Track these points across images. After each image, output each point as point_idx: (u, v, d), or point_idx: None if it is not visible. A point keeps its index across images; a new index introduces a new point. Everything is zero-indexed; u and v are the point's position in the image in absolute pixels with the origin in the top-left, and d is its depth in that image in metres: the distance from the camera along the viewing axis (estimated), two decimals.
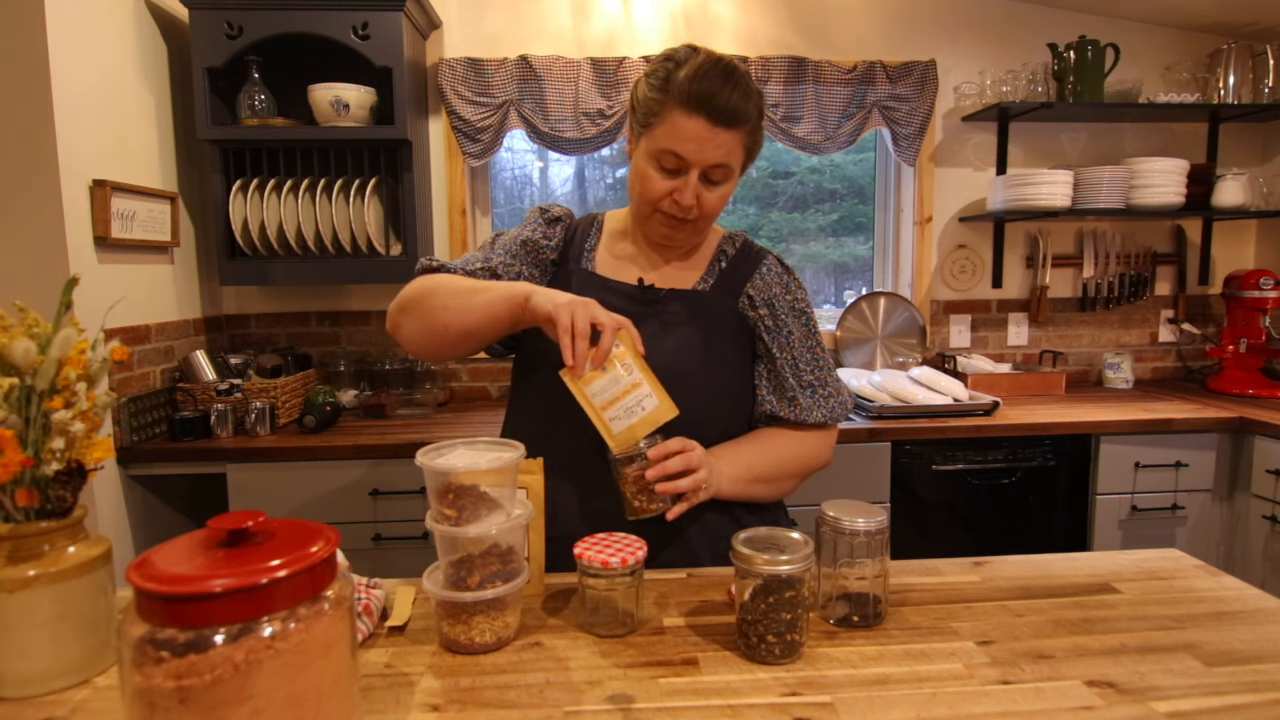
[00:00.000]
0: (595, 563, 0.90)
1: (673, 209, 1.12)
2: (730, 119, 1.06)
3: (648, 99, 1.09)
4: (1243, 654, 0.85)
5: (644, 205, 1.15)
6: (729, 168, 1.10)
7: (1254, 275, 2.57)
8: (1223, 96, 2.65)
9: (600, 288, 1.20)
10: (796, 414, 1.19)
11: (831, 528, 0.92)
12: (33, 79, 1.76)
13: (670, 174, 1.10)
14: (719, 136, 1.06)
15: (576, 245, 1.25)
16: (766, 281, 1.22)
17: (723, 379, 1.18)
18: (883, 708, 0.75)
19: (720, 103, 1.04)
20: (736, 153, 1.10)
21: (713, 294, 1.21)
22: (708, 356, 1.17)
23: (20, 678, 0.78)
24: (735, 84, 1.05)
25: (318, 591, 0.63)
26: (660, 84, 1.07)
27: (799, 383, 1.19)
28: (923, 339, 2.79)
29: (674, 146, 1.07)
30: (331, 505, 2.08)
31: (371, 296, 2.68)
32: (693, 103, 1.04)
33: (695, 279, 1.23)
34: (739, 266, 1.23)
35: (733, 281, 1.22)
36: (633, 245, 1.25)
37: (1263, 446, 2.20)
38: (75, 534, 0.82)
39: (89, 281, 1.88)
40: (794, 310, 1.22)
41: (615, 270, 1.23)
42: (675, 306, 1.19)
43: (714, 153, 1.07)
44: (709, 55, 1.08)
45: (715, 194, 1.12)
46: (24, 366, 0.78)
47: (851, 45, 2.71)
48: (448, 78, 2.53)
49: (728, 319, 1.20)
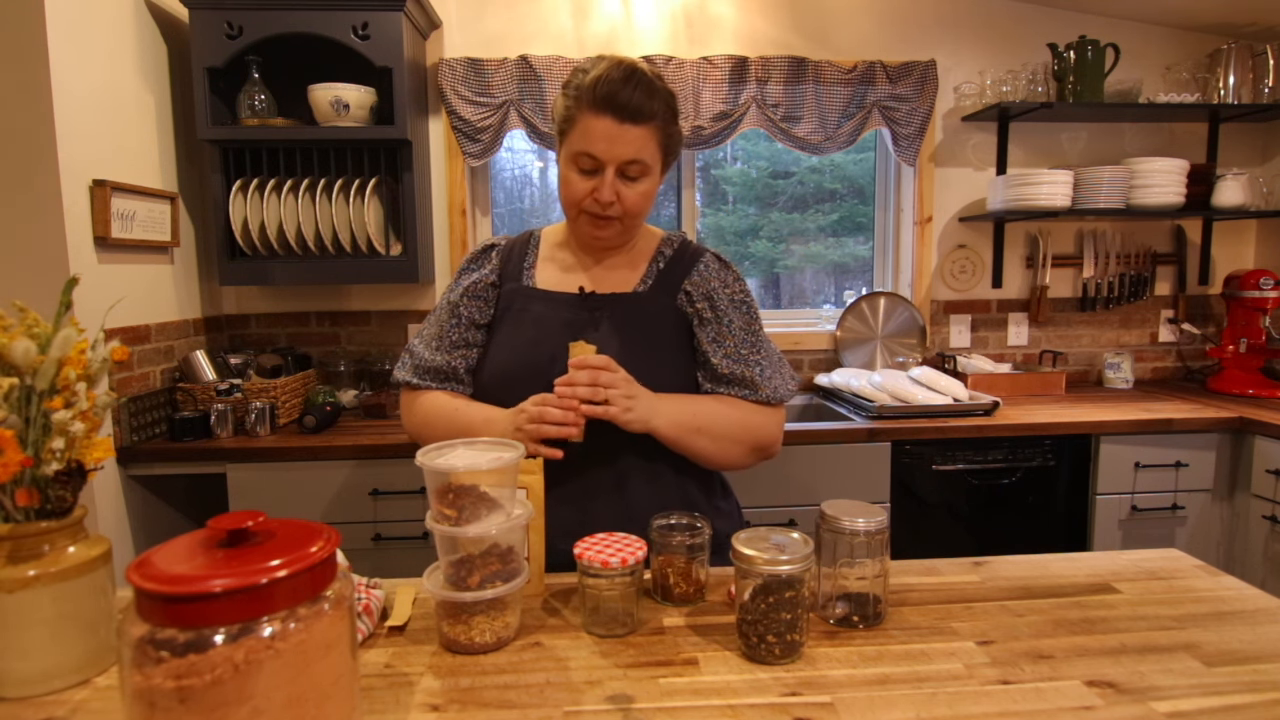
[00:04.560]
0: (595, 563, 0.90)
1: (594, 207, 1.17)
2: (635, 115, 1.11)
3: (564, 108, 1.17)
4: (1243, 654, 0.85)
5: (570, 208, 1.21)
6: (643, 163, 1.15)
7: (1254, 275, 2.57)
8: (1223, 96, 2.65)
9: (541, 300, 1.25)
10: (742, 393, 1.22)
11: (831, 528, 0.92)
12: (33, 79, 1.76)
13: (588, 174, 1.16)
14: (628, 133, 1.12)
15: (514, 265, 1.30)
16: (704, 277, 1.25)
17: (668, 378, 1.21)
18: (883, 708, 0.75)
19: (623, 100, 1.10)
20: (649, 148, 1.15)
21: (651, 294, 1.25)
22: (651, 357, 1.20)
23: (20, 678, 0.78)
24: (637, 83, 1.12)
25: (318, 591, 0.63)
26: (573, 93, 1.15)
27: (744, 365, 1.22)
28: (923, 339, 2.79)
29: (587, 147, 1.13)
30: (331, 505, 2.08)
31: (371, 296, 2.68)
32: (599, 104, 1.11)
33: (635, 281, 1.27)
34: (676, 265, 1.27)
35: (670, 280, 1.25)
36: (571, 255, 1.29)
37: (1263, 446, 2.20)
38: (75, 534, 0.82)
39: (89, 281, 1.88)
40: (734, 301, 1.25)
41: (557, 281, 1.27)
42: (616, 311, 1.22)
43: (625, 149, 1.13)
44: (613, 60, 1.14)
45: (635, 190, 1.17)
46: (24, 366, 0.78)
47: (851, 45, 2.71)
48: (448, 78, 2.53)
49: (667, 317, 1.24)
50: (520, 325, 1.23)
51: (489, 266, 1.29)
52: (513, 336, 1.23)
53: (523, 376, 1.17)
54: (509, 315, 1.25)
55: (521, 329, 1.23)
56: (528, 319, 1.23)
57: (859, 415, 2.30)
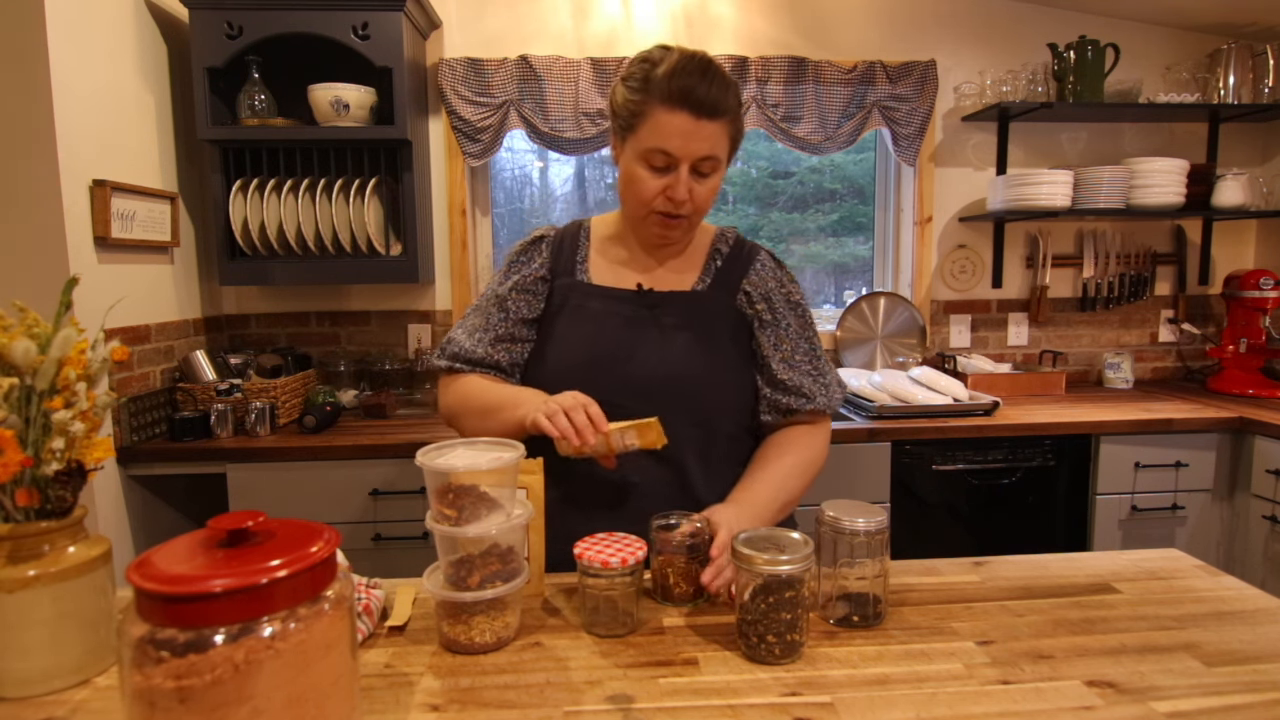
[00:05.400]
0: (595, 563, 0.90)
1: (667, 206, 1.13)
2: (712, 110, 1.07)
3: (628, 101, 1.11)
4: (1243, 654, 0.85)
5: (639, 207, 1.15)
6: (716, 159, 1.12)
7: (1254, 275, 2.57)
8: (1223, 96, 2.65)
9: (598, 296, 1.20)
10: (798, 403, 1.19)
11: (831, 528, 0.92)
12: (33, 79, 1.76)
13: (660, 172, 1.11)
14: (704, 129, 1.08)
15: (565, 258, 1.25)
16: (762, 277, 1.23)
17: (729, 379, 1.19)
18: (883, 708, 0.75)
19: (700, 95, 1.06)
20: (722, 143, 1.12)
21: (711, 293, 1.22)
22: (712, 358, 1.18)
23: (20, 678, 0.78)
24: (713, 77, 1.08)
25: (318, 591, 0.63)
26: (639, 85, 1.09)
27: (799, 371, 1.20)
28: (923, 339, 2.79)
29: (661, 144, 1.09)
30: (331, 505, 2.08)
31: (371, 296, 2.68)
32: (674, 98, 1.06)
33: (692, 279, 1.23)
34: (734, 263, 1.24)
35: (729, 279, 1.23)
36: (626, 250, 1.25)
37: (1263, 446, 2.20)
38: (75, 534, 0.82)
39: (89, 281, 1.88)
40: (789, 303, 1.24)
41: (611, 277, 1.23)
42: (675, 310, 1.19)
43: (700, 145, 1.09)
44: (683, 52, 1.10)
45: (706, 186, 1.13)
46: (24, 366, 0.78)
47: (851, 45, 2.71)
48: (448, 78, 2.53)
49: (727, 317, 1.21)
50: (578, 322, 1.20)
51: (539, 260, 1.24)
52: (570, 332, 1.20)
53: (582, 373, 1.14)
54: (565, 311, 1.21)
55: (580, 325, 1.19)
56: (586, 315, 1.20)
57: (859, 415, 2.30)
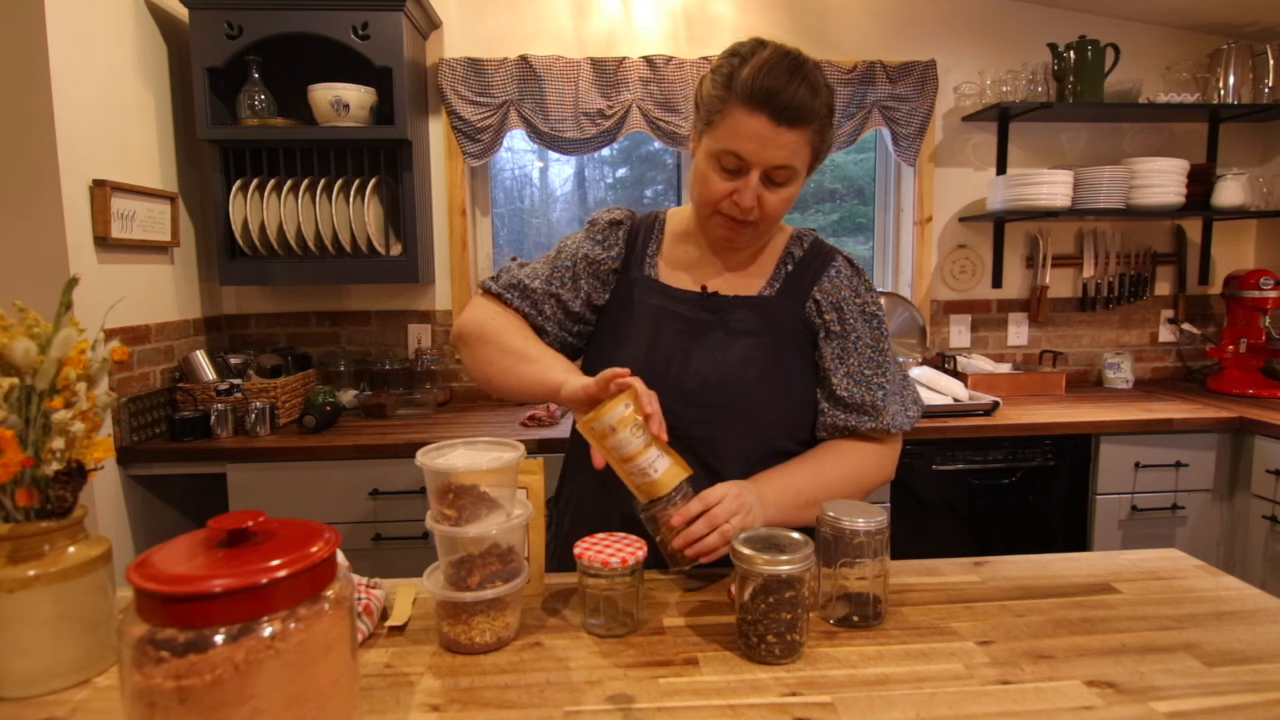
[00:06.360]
0: (595, 563, 0.90)
1: (732, 210, 1.07)
2: (794, 117, 1.00)
3: (711, 96, 1.04)
4: (1242, 654, 0.85)
5: (704, 206, 1.11)
6: (792, 169, 1.04)
7: (1254, 275, 2.57)
8: (1223, 96, 2.65)
9: (660, 293, 1.17)
10: (858, 421, 1.12)
11: (831, 528, 0.92)
12: (33, 79, 1.76)
13: (730, 174, 1.05)
14: (782, 136, 1.00)
15: (638, 250, 1.21)
16: (835, 284, 1.16)
17: (791, 390, 1.14)
18: (883, 708, 0.75)
19: (784, 100, 0.98)
20: (801, 153, 1.04)
21: (778, 298, 1.16)
22: (775, 367, 1.13)
23: (20, 678, 0.78)
24: (803, 79, 1.00)
25: (318, 591, 0.63)
26: (724, 80, 1.02)
27: (866, 387, 1.13)
28: (923, 339, 2.79)
29: (734, 146, 1.02)
30: (331, 505, 2.08)
31: (371, 296, 2.68)
32: (755, 100, 0.99)
33: (761, 284, 1.18)
34: (806, 269, 1.17)
35: (799, 285, 1.16)
36: (695, 249, 1.20)
37: (1263, 446, 2.20)
38: (75, 534, 0.82)
39: (89, 281, 1.88)
40: (864, 314, 1.16)
41: (678, 277, 1.19)
42: (740, 314, 1.14)
43: (776, 153, 1.02)
44: (776, 49, 1.02)
45: (778, 196, 1.06)
46: (24, 366, 0.78)
47: (851, 45, 2.71)
48: (448, 78, 2.53)
49: (794, 326, 1.15)
50: (636, 319, 1.16)
51: (615, 250, 1.20)
52: (626, 328, 1.16)
53: (634, 371, 1.05)
54: (625, 305, 1.18)
55: (637, 323, 1.16)
56: (644, 312, 1.16)
57: None
